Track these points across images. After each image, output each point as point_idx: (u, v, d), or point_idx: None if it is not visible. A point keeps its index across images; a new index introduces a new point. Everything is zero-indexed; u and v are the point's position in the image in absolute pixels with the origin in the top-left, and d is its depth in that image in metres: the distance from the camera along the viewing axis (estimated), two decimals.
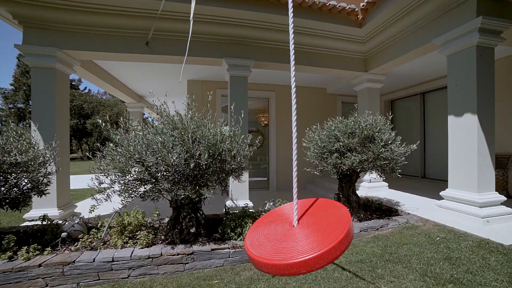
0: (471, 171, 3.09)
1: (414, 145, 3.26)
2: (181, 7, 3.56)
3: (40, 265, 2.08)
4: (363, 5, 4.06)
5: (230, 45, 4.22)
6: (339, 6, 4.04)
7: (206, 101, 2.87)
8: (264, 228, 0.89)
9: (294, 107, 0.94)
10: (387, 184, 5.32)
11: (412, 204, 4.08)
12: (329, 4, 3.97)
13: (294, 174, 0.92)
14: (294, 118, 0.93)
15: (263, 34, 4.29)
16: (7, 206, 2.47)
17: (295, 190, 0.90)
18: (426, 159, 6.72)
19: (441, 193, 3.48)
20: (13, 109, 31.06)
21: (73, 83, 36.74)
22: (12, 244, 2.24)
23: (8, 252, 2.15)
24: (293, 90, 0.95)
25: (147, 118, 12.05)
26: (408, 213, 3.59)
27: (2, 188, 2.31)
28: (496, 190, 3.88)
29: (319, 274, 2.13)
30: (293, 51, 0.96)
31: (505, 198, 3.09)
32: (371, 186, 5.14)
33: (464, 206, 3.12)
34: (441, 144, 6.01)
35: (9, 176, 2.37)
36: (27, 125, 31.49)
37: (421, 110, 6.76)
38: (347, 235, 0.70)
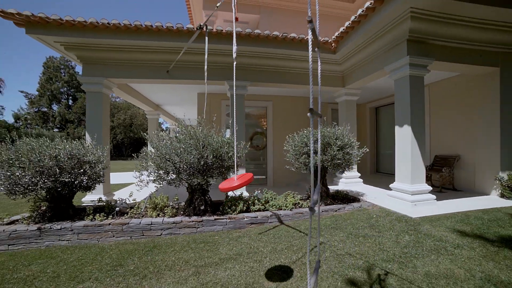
0: (407, 168, 4.16)
1: (367, 149, 4.37)
2: (194, 45, 4.81)
3: (109, 224, 3.35)
4: (333, 38, 5.19)
5: (230, 70, 5.43)
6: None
7: (211, 116, 4.09)
8: (227, 181, 2.10)
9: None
10: (361, 180, 6.38)
11: (374, 194, 5.15)
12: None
13: (236, 159, 2.12)
14: (234, 126, 2.13)
15: (257, 61, 5.49)
16: (82, 189, 3.78)
17: (236, 170, 2.10)
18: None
19: (390, 185, 4.55)
20: (38, 112, 33.67)
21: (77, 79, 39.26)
22: (91, 212, 3.54)
23: (90, 216, 3.45)
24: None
25: (162, 123, 13.43)
26: (366, 201, 4.67)
27: (82, 177, 3.61)
28: (443, 185, 4.95)
29: (283, 233, 3.29)
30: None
31: (430, 188, 4.14)
32: (348, 182, 6.22)
33: (402, 194, 4.19)
34: None
35: (85, 169, 3.67)
36: (50, 127, 34.06)
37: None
38: (247, 181, 1.90)
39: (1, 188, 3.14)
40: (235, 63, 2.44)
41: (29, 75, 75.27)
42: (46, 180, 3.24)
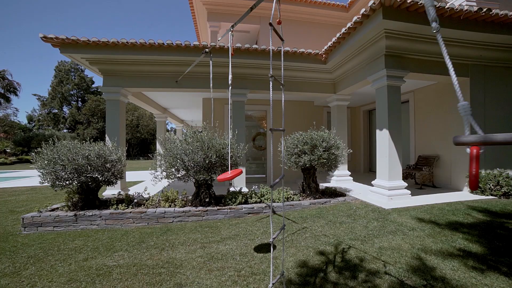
0: (385, 166, 4.77)
1: (350, 150, 4.99)
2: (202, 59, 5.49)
3: (130, 212, 4.06)
4: (324, 50, 5.81)
5: (232, 80, 6.10)
6: (308, 52, 5.82)
7: (215, 122, 4.76)
8: (223, 174, 2.77)
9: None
10: (352, 178, 6.98)
11: (360, 190, 5.76)
12: (306, 51, 5.78)
13: (229, 157, 2.78)
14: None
15: (256, 71, 6.15)
16: (106, 184, 4.50)
17: (230, 168, 2.76)
18: None
19: (372, 182, 5.16)
20: (49, 114, 35.03)
21: (98, 89, 40.50)
22: (114, 202, 4.27)
23: (114, 206, 4.17)
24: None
25: (167, 123, 14.21)
26: (350, 196, 5.28)
27: (107, 173, 4.33)
28: (424, 182, 5.52)
29: (274, 220, 3.94)
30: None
31: (406, 184, 4.74)
32: (339, 179, 6.84)
33: (381, 189, 4.80)
34: (404, 144, 7.54)
35: (109, 167, 4.39)
36: (61, 128, 35.38)
37: None
38: (237, 174, 2.56)
39: (45, 181, 3.88)
40: (230, 82, 3.10)
41: (36, 78, 77.54)
42: (80, 176, 3.97)
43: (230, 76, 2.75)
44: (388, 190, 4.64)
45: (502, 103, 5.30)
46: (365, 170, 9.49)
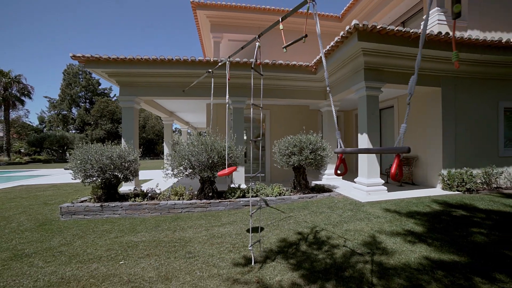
0: (364, 166, 5.47)
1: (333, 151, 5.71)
2: (203, 72, 6.27)
3: (146, 204, 4.86)
4: (313, 63, 6.54)
5: (233, 89, 6.87)
6: (299, 64, 6.56)
7: (216, 128, 5.53)
8: (222, 171, 3.52)
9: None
10: (341, 176, 7.67)
11: (346, 187, 6.46)
12: (298, 64, 6.51)
13: (227, 158, 3.54)
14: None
15: (254, 81, 6.90)
16: (124, 180, 5.31)
17: (227, 166, 3.52)
18: (381, 158, 8.91)
19: (355, 179, 5.86)
20: (59, 115, 36.38)
21: (105, 91, 41.77)
22: (132, 196, 5.07)
23: (132, 198, 4.98)
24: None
25: (176, 128, 15.10)
26: (335, 191, 5.99)
27: (126, 171, 5.13)
28: (403, 180, 6.22)
29: (266, 211, 4.69)
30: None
31: (383, 181, 5.44)
32: (329, 178, 7.55)
33: (361, 186, 5.51)
34: (389, 146, 8.21)
35: (128, 166, 5.19)
36: (69, 129, 36.69)
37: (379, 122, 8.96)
38: (233, 170, 3.30)
39: (77, 178, 4.70)
40: (228, 100, 3.85)
41: (37, 78, 79.60)
42: (104, 173, 4.78)
43: (227, 96, 3.49)
44: (366, 187, 5.35)
45: (470, 109, 5.95)
46: (357, 170, 10.15)
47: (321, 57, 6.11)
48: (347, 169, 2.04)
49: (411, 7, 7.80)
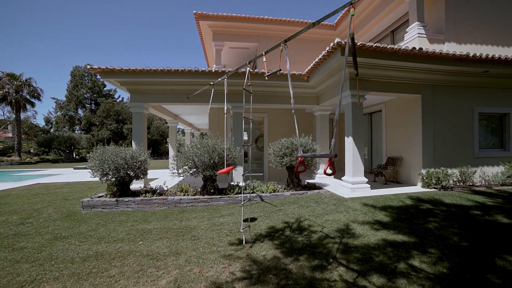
0: (350, 165, 6.09)
1: (321, 153, 6.33)
2: (206, 81, 6.94)
3: (155, 199, 5.54)
4: (306, 72, 7.17)
5: (232, 96, 7.52)
6: (292, 73, 7.19)
7: (217, 132, 6.19)
8: (221, 170, 4.18)
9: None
10: (332, 176, 8.29)
11: (335, 185, 7.08)
12: (291, 73, 7.14)
13: (225, 159, 4.20)
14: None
15: (253, 88, 7.55)
16: (136, 178, 6.00)
17: (226, 165, 4.18)
18: (372, 158, 9.51)
19: (342, 178, 6.48)
20: (66, 116, 37.37)
21: (110, 92, 42.72)
22: (143, 192, 5.76)
23: (143, 194, 5.67)
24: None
25: (179, 129, 15.80)
26: (324, 189, 6.61)
27: (137, 170, 5.81)
28: (389, 179, 6.82)
29: (261, 205, 5.33)
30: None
31: (366, 180, 6.05)
32: (321, 177, 8.17)
33: (346, 183, 6.13)
34: (379, 147, 8.81)
35: (139, 166, 5.87)
36: (74, 130, 37.70)
37: (369, 125, 9.56)
38: (230, 169, 3.95)
39: (95, 176, 5.39)
40: (226, 111, 4.50)
41: (39, 77, 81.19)
42: (119, 172, 5.47)
43: (225, 107, 4.13)
44: (351, 184, 5.97)
45: (448, 114, 6.54)
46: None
47: (311, 67, 6.74)
48: (335, 170, 2.31)
49: (398, 18, 8.38)
